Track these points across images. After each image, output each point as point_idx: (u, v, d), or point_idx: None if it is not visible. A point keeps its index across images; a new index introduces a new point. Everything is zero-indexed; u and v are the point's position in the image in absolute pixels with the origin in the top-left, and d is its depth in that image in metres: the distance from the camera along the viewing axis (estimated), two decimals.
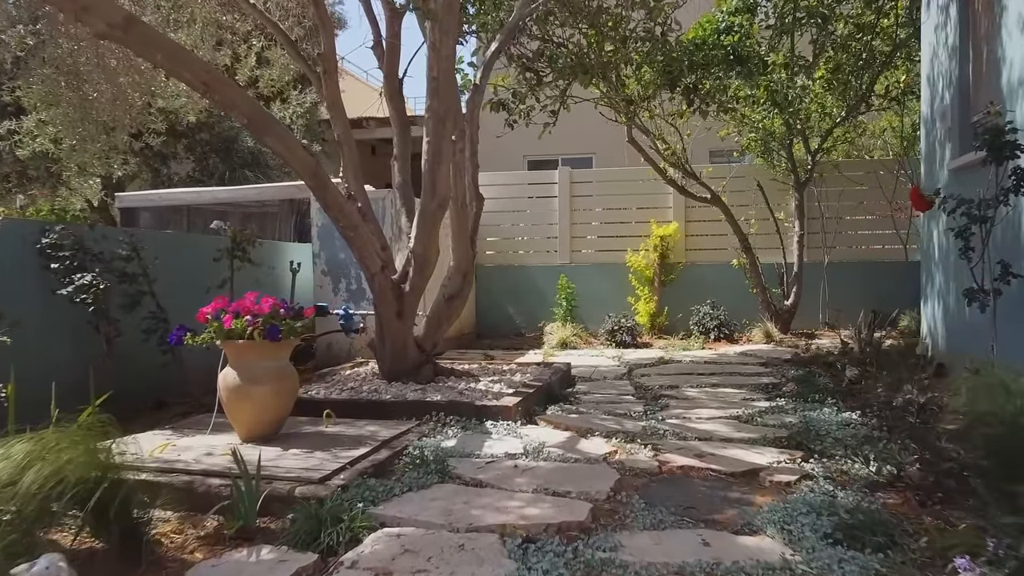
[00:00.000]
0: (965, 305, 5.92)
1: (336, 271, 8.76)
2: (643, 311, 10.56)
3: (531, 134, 14.67)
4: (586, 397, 6.22)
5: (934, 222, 6.79)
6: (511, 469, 4.15)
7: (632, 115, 9.19)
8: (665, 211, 10.96)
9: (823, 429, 4.89)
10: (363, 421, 5.13)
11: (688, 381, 6.86)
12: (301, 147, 5.12)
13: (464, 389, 5.91)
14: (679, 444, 4.69)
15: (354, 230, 5.51)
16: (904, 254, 10.18)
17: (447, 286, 6.27)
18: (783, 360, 7.91)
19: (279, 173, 14.94)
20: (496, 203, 11.44)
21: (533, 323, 11.03)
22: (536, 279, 11.24)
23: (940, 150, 6.58)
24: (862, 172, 10.48)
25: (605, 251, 11.20)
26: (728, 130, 10.52)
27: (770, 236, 10.37)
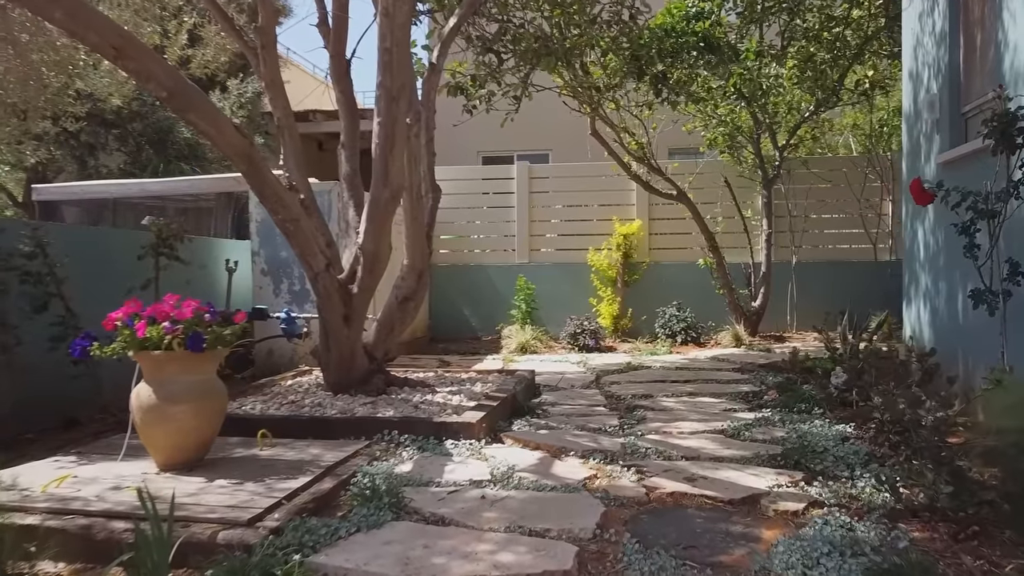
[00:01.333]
0: (958, 307, 5.53)
1: (277, 271, 8.05)
2: (606, 313, 10.06)
3: (486, 128, 14.08)
4: (554, 409, 5.66)
5: (919, 220, 6.41)
6: (478, 501, 3.56)
7: (597, 105, 8.67)
8: (628, 208, 10.47)
9: (819, 445, 4.42)
10: (304, 442, 4.49)
11: (662, 390, 6.36)
12: (232, 127, 4.45)
13: (420, 402, 5.30)
14: (665, 465, 4.16)
15: (295, 223, 4.86)
16: (873, 253, 9.87)
17: (400, 287, 5.65)
18: (758, 365, 7.47)
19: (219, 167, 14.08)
20: (450, 199, 10.77)
21: (490, 326, 10.44)
22: (493, 279, 10.66)
23: (926, 143, 6.20)
24: (830, 169, 10.14)
25: (566, 250, 10.67)
26: (694, 124, 10.08)
27: (737, 235, 9.97)
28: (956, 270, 5.58)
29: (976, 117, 5.56)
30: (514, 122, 8.63)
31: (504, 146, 14.07)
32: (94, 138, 12.74)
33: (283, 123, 5.83)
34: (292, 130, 5.86)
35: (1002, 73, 4.86)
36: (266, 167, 4.83)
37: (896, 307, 9.24)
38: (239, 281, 7.99)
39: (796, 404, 5.60)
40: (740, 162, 10.08)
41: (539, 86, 8.23)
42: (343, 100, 6.15)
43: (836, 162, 10.35)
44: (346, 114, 6.13)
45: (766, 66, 8.54)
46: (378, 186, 4.89)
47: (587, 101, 8.58)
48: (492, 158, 14.41)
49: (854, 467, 4.04)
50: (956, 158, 5.55)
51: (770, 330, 9.84)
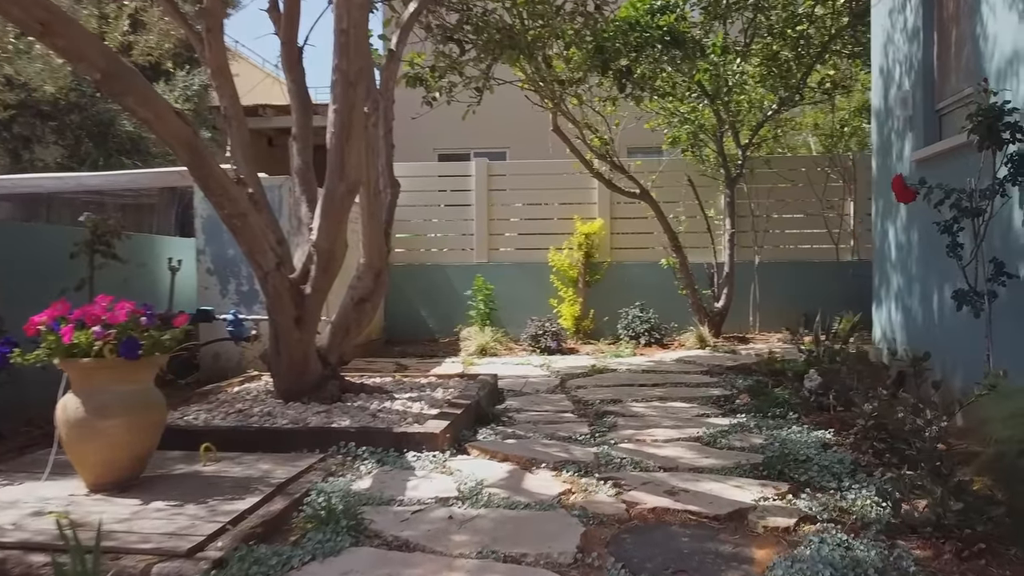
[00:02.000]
0: (934, 309, 5.40)
1: (225, 270, 7.61)
2: (567, 314, 9.81)
3: (442, 124, 13.72)
4: (520, 416, 5.37)
5: (890, 219, 6.29)
6: (445, 522, 3.25)
7: (559, 100, 8.41)
8: (590, 207, 10.24)
9: (801, 453, 4.21)
10: (253, 455, 4.12)
11: (631, 394, 6.12)
12: (173, 112, 4.07)
13: (378, 410, 4.96)
14: (643, 477, 3.90)
15: (242, 219, 4.49)
16: (835, 254, 9.80)
17: (356, 287, 5.31)
18: (726, 367, 7.28)
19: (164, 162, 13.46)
20: (406, 196, 10.33)
21: (448, 327, 10.11)
22: (451, 279, 10.33)
23: (898, 141, 6.08)
24: (792, 169, 10.04)
25: (526, 249, 10.39)
26: (657, 122, 9.90)
27: (700, 235, 9.81)
28: (931, 270, 5.45)
29: (951, 114, 5.44)
30: (472, 119, 8.35)
31: (461, 143, 13.76)
32: (29, 130, 12.05)
33: (230, 113, 5.43)
34: (240, 120, 5.47)
35: (981, 68, 4.73)
36: (211, 158, 4.46)
37: (858, 308, 9.18)
38: (183, 281, 7.54)
39: (770, 408, 5.42)
40: (703, 161, 9.92)
41: (500, 79, 7.94)
42: (295, 89, 5.78)
43: (798, 161, 10.27)
44: (298, 104, 5.76)
45: (731, 62, 8.38)
46: (333, 179, 4.54)
47: (549, 96, 8.32)
48: (448, 155, 14.07)
49: (841, 477, 3.84)
50: (931, 155, 5.42)
51: (733, 331, 9.70)
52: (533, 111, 10.46)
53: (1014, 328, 4.25)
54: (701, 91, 9.11)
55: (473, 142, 13.69)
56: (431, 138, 13.55)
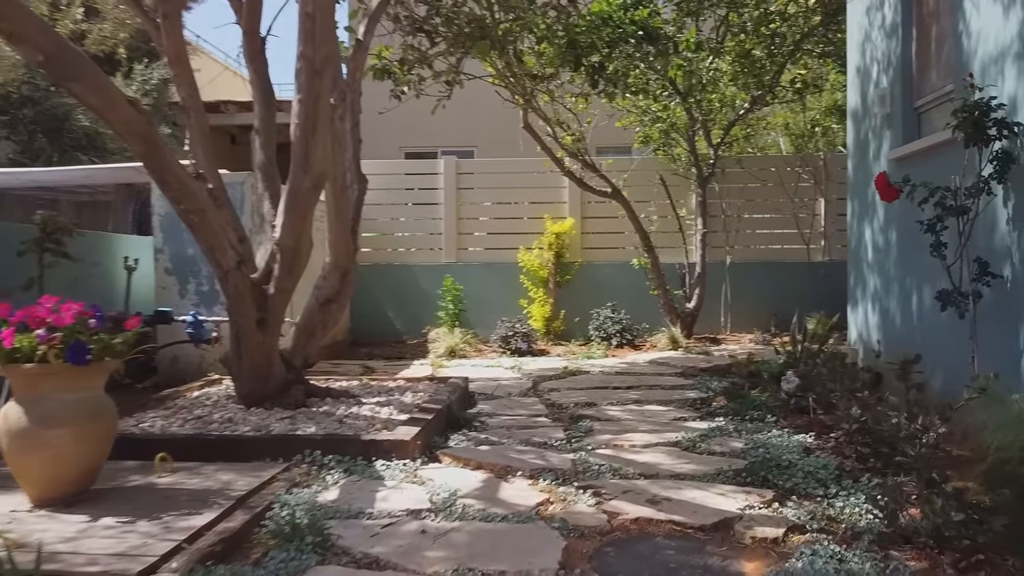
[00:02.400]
0: (913, 309, 5.33)
1: (184, 269, 7.32)
2: (538, 315, 9.65)
3: (408, 123, 13.46)
4: (493, 421, 5.19)
5: (866, 218, 6.22)
6: (417, 536, 3.06)
7: (530, 97, 8.25)
8: (560, 206, 10.09)
9: (783, 458, 4.10)
10: (212, 465, 3.89)
11: (605, 397, 5.97)
12: (125, 100, 3.82)
13: (345, 416, 4.75)
14: (623, 485, 3.75)
15: (200, 214, 4.25)
16: (807, 254, 9.77)
17: (322, 287, 5.09)
18: (700, 369, 7.18)
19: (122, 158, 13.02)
20: (373, 195, 10.10)
21: (416, 328, 9.89)
22: (419, 279, 10.11)
23: (875, 140, 6.01)
24: (763, 168, 10.00)
25: (495, 249, 10.21)
26: (629, 120, 9.78)
27: (671, 235, 9.72)
28: (910, 270, 5.38)
29: (930, 111, 5.38)
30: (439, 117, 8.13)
31: (427, 141, 13.52)
32: None
33: (189, 104, 5.18)
34: (199, 112, 5.21)
35: (962, 64, 4.65)
36: (167, 150, 4.21)
37: (830, 308, 9.14)
38: (140, 281, 7.25)
39: (747, 411, 5.31)
40: (674, 160, 9.83)
41: (470, 74, 7.75)
42: (257, 81, 5.54)
43: (769, 161, 10.23)
44: (260, 96, 5.52)
45: (704, 59, 8.28)
46: (298, 173, 4.32)
47: (520, 92, 8.16)
48: (415, 154, 13.80)
49: (827, 483, 3.72)
50: (910, 154, 5.35)
51: (704, 331, 9.62)
52: (501, 110, 10.29)
53: (998, 329, 4.17)
54: (673, 89, 9.01)
55: (440, 140, 13.46)
56: (397, 136, 13.28)
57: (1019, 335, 4.06)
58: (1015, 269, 4.12)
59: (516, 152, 10.08)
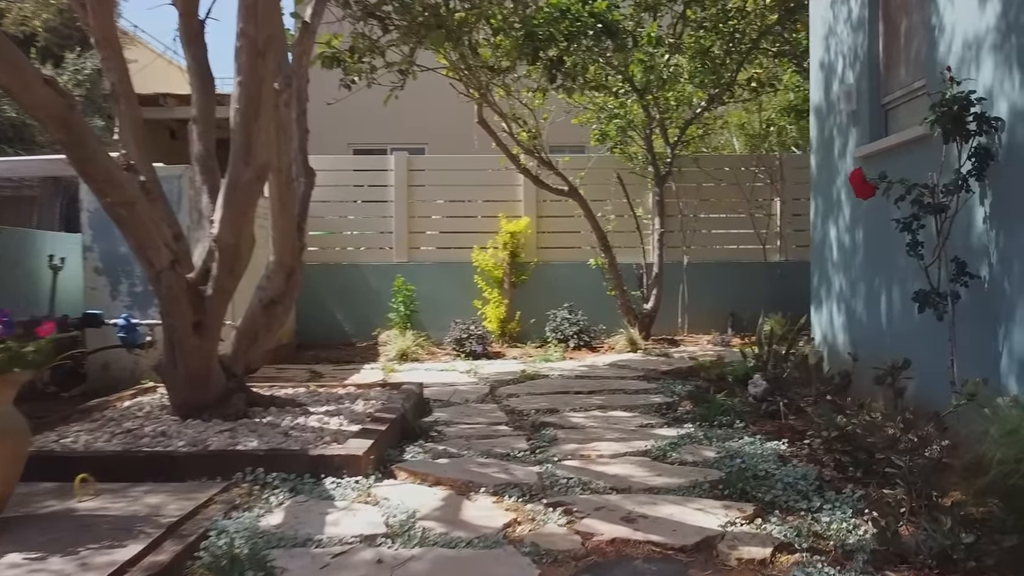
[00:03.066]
0: (881, 311, 5.19)
1: (116, 269, 6.84)
2: (492, 316, 9.36)
3: (356, 119, 13.08)
4: (451, 430, 4.88)
5: (831, 217, 6.09)
6: (373, 567, 2.75)
7: (486, 91, 7.95)
8: (515, 205, 9.82)
9: (759, 467, 3.89)
10: (142, 487, 3.51)
11: (567, 403, 5.71)
12: (42, 81, 3.41)
13: (291, 427, 4.39)
14: (595, 501, 3.48)
15: (128, 208, 3.85)
16: (763, 254, 9.68)
17: (266, 288, 4.71)
18: (661, 372, 6.98)
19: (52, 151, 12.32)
20: (320, 192, 9.64)
21: (366, 331, 9.51)
22: (369, 280, 9.73)
23: (841, 137, 5.88)
24: (719, 168, 9.88)
25: (448, 248, 9.89)
26: (586, 116, 9.55)
27: (628, 234, 9.53)
28: (879, 270, 5.24)
29: (899, 108, 5.25)
30: (389, 113, 7.81)
31: (377, 138, 13.15)
32: None
33: (119, 89, 4.76)
34: (130, 98, 4.79)
35: (935, 59, 4.51)
36: (91, 136, 3.81)
37: (786, 308, 9.07)
38: (67, 281, 6.74)
39: (715, 417, 5.10)
40: (631, 158, 9.64)
41: (423, 66, 7.43)
42: (195, 67, 5.13)
43: (725, 161, 10.13)
44: (199, 83, 5.12)
45: (663, 56, 8.09)
46: (238, 163, 3.94)
47: (475, 85, 7.86)
48: (364, 150, 13.42)
49: (808, 496, 3.52)
50: (878, 151, 5.21)
51: (662, 333, 9.45)
52: (454, 105, 9.99)
53: (976, 331, 4.02)
54: (630, 86, 8.82)
55: (390, 137, 13.10)
56: (345, 131, 12.87)
57: (998, 337, 3.92)
58: (993, 269, 3.98)
59: (469, 149, 9.78)
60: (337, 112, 12.53)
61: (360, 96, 8.07)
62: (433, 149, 13.05)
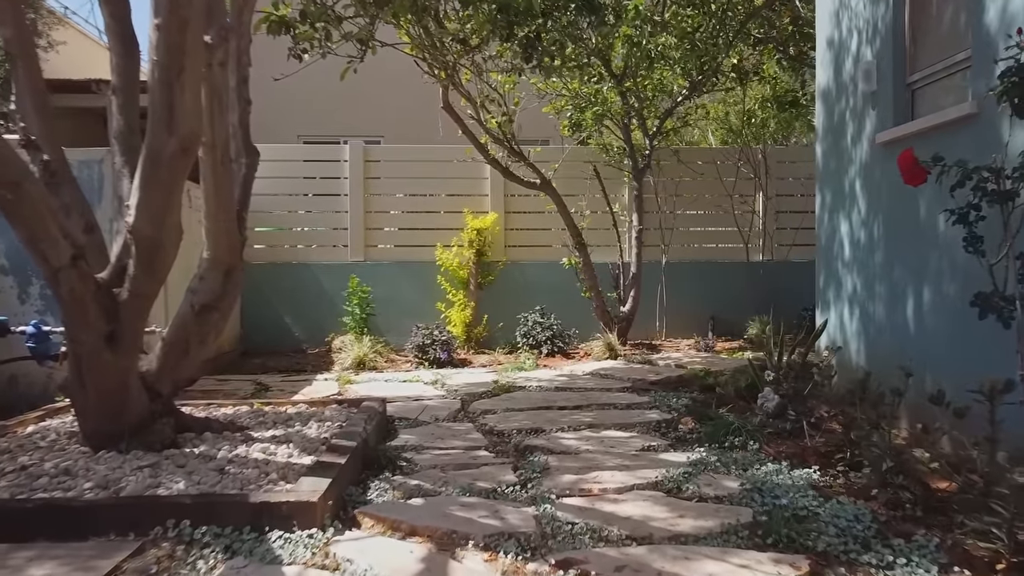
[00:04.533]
0: (908, 315, 4.59)
1: (25, 268, 5.93)
2: (457, 320, 8.61)
3: (307, 105, 12.19)
4: (422, 458, 4.13)
5: (841, 211, 5.49)
6: None
7: (452, 71, 7.19)
8: (482, 199, 9.08)
9: (798, 504, 3.28)
10: (29, 549, 2.70)
11: (552, 421, 4.99)
12: None
13: (229, 460, 3.59)
14: (613, 557, 2.78)
15: (15, 190, 3.02)
16: (746, 253, 9.11)
17: (199, 290, 3.90)
18: (650, 382, 6.30)
19: None
20: (267, 184, 8.92)
21: (319, 336, 8.68)
22: (321, 280, 8.90)
23: (855, 122, 5.28)
24: (701, 161, 9.28)
25: (409, 246, 9.11)
26: (561, 103, 8.85)
27: (603, 232, 8.88)
28: (905, 270, 4.64)
29: (928, 87, 4.66)
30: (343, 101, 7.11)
31: (329, 129, 12.27)
32: None
33: (15, 50, 3.91)
34: (30, 60, 3.95)
35: (983, 26, 3.92)
36: None
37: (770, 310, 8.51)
38: None
39: (724, 437, 4.46)
40: (607, 151, 8.98)
41: (382, 42, 6.63)
42: (114, 27, 4.29)
43: (707, 154, 9.53)
44: (119, 47, 4.28)
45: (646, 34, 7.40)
46: (159, 132, 3.13)
47: (441, 64, 7.09)
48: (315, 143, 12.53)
49: (870, 544, 2.89)
50: (905, 136, 4.61)
51: (639, 337, 8.81)
52: (413, 94, 9.25)
53: None
54: (607, 72, 8.16)
55: (344, 128, 12.23)
56: (295, 121, 12.01)
57: None
58: None
59: (432, 140, 8.99)
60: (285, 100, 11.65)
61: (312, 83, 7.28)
62: (390, 140, 12.22)
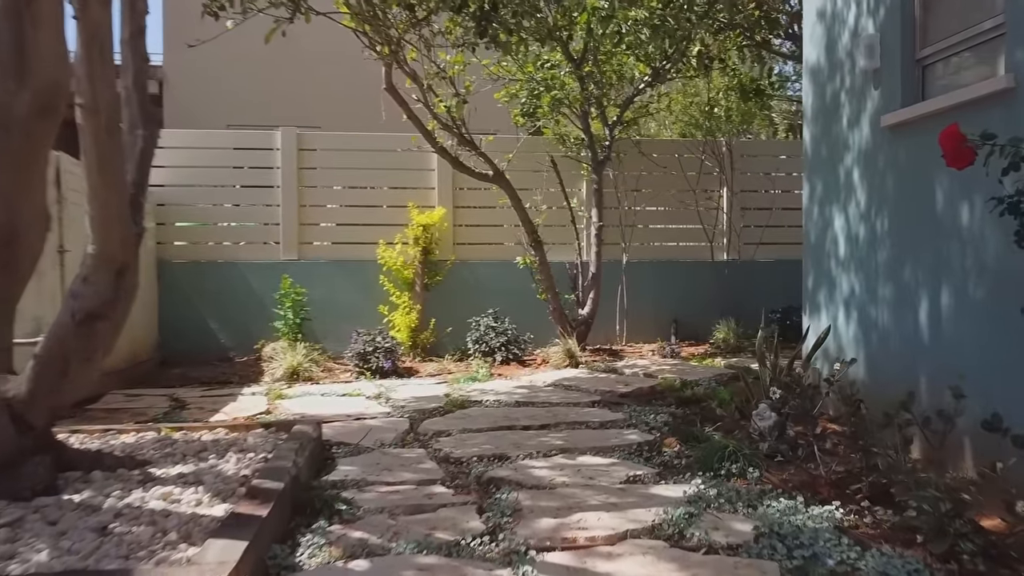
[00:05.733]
0: (921, 320, 4.05)
1: None
2: (402, 325, 7.86)
3: (234, 93, 11.25)
4: (366, 498, 3.39)
5: (834, 202, 4.95)
6: None
7: (397, 46, 6.44)
8: (428, 192, 8.35)
9: (836, 559, 2.66)
10: None
11: (518, 444, 4.30)
12: None
13: (117, 515, 2.79)
14: None
15: None
16: (710, 252, 8.59)
17: (81, 293, 3.08)
18: (620, 395, 5.67)
19: None
20: (190, 174, 8.06)
21: (247, 343, 7.82)
22: (250, 280, 8.03)
23: (853, 103, 4.73)
24: (663, 154, 8.72)
25: (348, 243, 8.31)
26: (515, 89, 8.16)
27: (561, 229, 8.24)
28: (916, 268, 4.10)
29: (942, 62, 4.13)
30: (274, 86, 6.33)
31: (259, 118, 11.29)
32: None
33: None
34: None
35: None
36: None
37: (734, 313, 8.03)
38: None
39: (719, 463, 3.83)
40: (564, 141, 8.34)
41: (316, 10, 5.84)
42: None
43: (670, 146, 8.95)
44: None
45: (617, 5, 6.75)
46: (3, 83, 2.33)
47: (384, 39, 6.34)
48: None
49: None
50: (917, 118, 4.07)
51: (598, 342, 8.21)
52: (353, 79, 8.45)
53: None
54: (564, 55, 7.53)
55: (275, 116, 11.29)
56: (220, 110, 11.00)
57: None
58: None
59: (375, 128, 8.20)
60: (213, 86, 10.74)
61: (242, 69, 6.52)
62: (330, 130, 11.36)
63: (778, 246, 8.65)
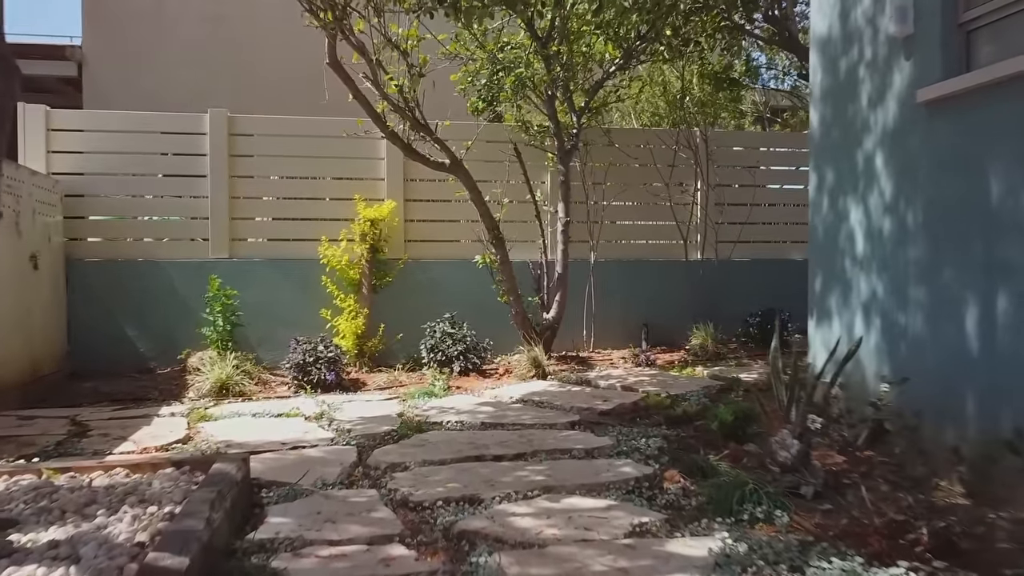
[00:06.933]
0: (968, 327, 3.44)
1: None
2: (347, 331, 7.03)
3: (158, 75, 10.25)
4: (301, 567, 2.59)
5: (851, 193, 4.33)
6: None
7: (343, 13, 5.62)
8: (377, 184, 7.52)
9: None
10: None
11: (490, 481, 3.55)
12: None
13: None
14: None
15: None
16: (684, 251, 7.97)
17: None
18: (599, 413, 4.96)
19: None
20: (104, 160, 7.10)
21: (171, 352, 6.89)
22: (174, 281, 7.10)
23: (876, 77, 4.10)
24: (634, 144, 8.06)
25: (287, 240, 7.44)
26: (476, 67, 7.39)
27: (523, 225, 7.50)
28: (961, 269, 3.50)
29: (989, 27, 3.53)
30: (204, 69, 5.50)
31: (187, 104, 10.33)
32: None
33: None
34: None
35: None
36: None
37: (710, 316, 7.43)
38: None
39: (737, 505, 3.16)
40: (527, 129, 7.61)
41: None
42: None
43: (642, 136, 8.28)
44: None
45: None
46: None
47: (328, 5, 5.51)
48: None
49: None
50: (962, 92, 3.46)
51: (564, 348, 7.51)
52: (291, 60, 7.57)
53: None
54: (529, 32, 6.81)
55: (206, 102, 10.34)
56: (147, 94, 9.97)
57: None
58: None
59: (317, 111, 7.33)
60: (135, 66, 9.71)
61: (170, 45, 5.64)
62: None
63: (757, 244, 8.09)
